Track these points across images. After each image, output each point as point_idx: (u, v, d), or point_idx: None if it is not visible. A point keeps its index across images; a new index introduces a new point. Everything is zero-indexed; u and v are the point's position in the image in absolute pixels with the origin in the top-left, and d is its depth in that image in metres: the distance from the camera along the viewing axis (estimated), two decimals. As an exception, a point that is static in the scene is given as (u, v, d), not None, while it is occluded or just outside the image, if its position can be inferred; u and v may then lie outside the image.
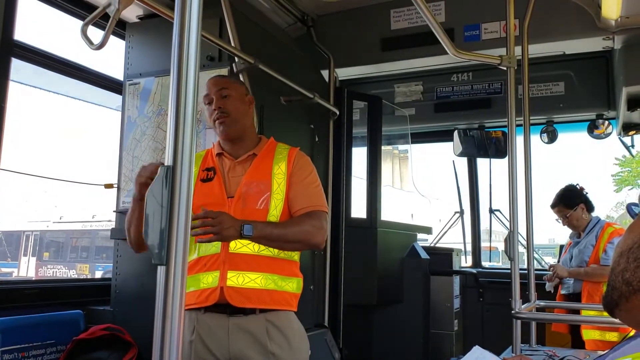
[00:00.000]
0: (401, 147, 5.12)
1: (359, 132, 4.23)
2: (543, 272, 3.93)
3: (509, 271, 2.45)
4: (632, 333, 0.88)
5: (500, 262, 7.93)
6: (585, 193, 3.83)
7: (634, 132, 3.90)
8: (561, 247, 4.26)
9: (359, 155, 4.14)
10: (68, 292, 2.96)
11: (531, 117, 2.98)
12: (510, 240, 2.41)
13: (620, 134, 3.99)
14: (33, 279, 13.37)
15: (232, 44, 2.70)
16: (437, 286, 4.20)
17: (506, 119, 2.52)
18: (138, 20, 3.18)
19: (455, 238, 5.22)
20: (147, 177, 1.66)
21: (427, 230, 4.76)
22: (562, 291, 3.80)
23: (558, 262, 4.04)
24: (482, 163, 4.90)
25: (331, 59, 3.85)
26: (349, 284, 3.79)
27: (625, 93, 3.36)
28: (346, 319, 3.76)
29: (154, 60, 2.99)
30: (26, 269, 16.47)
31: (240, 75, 2.73)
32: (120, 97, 3.10)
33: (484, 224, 4.99)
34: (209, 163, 2.03)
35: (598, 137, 4.14)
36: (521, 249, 2.91)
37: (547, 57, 3.76)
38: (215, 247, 1.87)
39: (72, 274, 15.77)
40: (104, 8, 1.73)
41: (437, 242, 5.15)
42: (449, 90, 4.46)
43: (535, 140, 4.18)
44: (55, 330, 2.63)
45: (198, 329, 1.87)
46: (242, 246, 1.86)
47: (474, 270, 4.70)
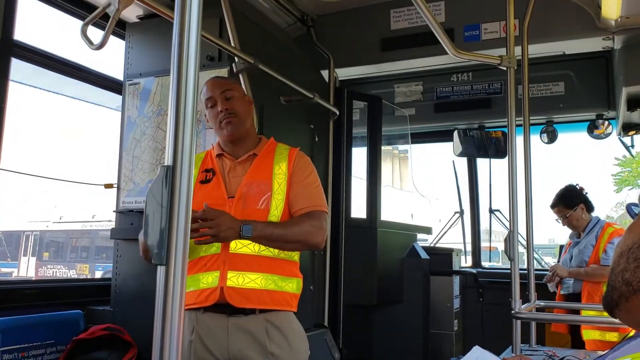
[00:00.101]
0: (401, 147, 5.12)
1: (359, 132, 4.23)
2: (543, 272, 3.93)
3: (509, 271, 2.45)
4: (632, 333, 0.88)
5: (500, 262, 7.93)
6: (585, 193, 3.82)
7: (634, 132, 3.89)
8: (561, 247, 4.26)
9: (359, 155, 4.15)
10: (68, 292, 2.96)
11: (531, 117, 2.98)
12: (510, 241, 2.41)
13: (620, 134, 3.98)
14: (33, 279, 13.36)
15: (232, 44, 2.69)
16: (437, 286, 4.21)
17: (506, 119, 2.52)
18: (138, 20, 3.18)
19: (455, 238, 5.22)
20: None
21: (427, 230, 4.76)
22: (562, 291, 3.79)
23: (558, 262, 4.04)
24: (482, 163, 4.90)
25: (331, 59, 3.85)
26: (349, 284, 3.79)
27: (625, 93, 3.36)
28: (346, 319, 3.76)
29: (153, 60, 2.99)
30: (26, 269, 16.47)
31: (240, 75, 2.73)
32: (120, 97, 3.10)
33: (483, 224, 5.00)
34: (208, 164, 2.03)
35: (598, 137, 4.14)
36: (521, 249, 2.91)
37: (547, 57, 3.76)
38: (215, 247, 1.86)
39: (72, 274, 15.76)
40: (103, 8, 1.73)
41: (437, 242, 5.15)
42: (448, 91, 4.46)
43: (535, 140, 4.18)
44: (55, 330, 2.63)
45: (197, 329, 1.87)
46: (242, 246, 1.86)
47: (474, 271, 4.70)
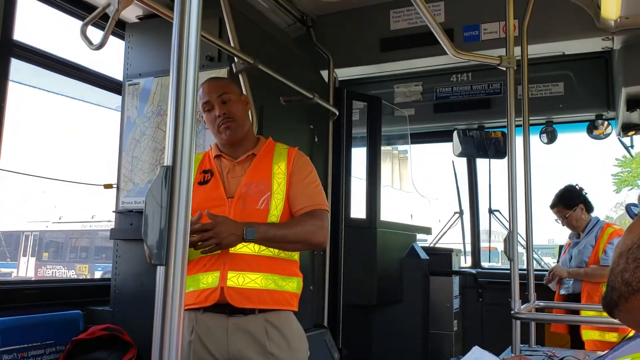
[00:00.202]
0: (401, 147, 5.12)
1: (359, 133, 4.23)
2: (542, 273, 3.93)
3: (509, 271, 2.45)
4: (632, 333, 0.88)
5: (499, 263, 7.93)
6: (584, 193, 3.83)
7: (633, 132, 3.89)
8: (560, 247, 4.26)
9: (359, 156, 4.15)
10: (67, 292, 2.96)
11: (530, 118, 2.98)
12: (509, 241, 2.41)
13: (619, 135, 3.98)
14: (32, 279, 13.36)
15: (232, 44, 2.69)
16: (436, 286, 4.20)
17: (505, 120, 2.52)
18: (137, 21, 3.18)
19: (454, 238, 5.22)
20: None
21: (427, 230, 4.76)
22: (562, 291, 3.79)
23: (557, 262, 4.04)
24: (481, 163, 4.91)
25: (331, 59, 3.85)
26: (349, 284, 3.79)
27: (625, 93, 3.36)
28: (345, 319, 3.76)
29: (153, 60, 2.99)
30: (25, 269, 16.46)
31: (239, 76, 2.73)
32: (120, 97, 3.10)
33: (483, 224, 5.00)
34: (206, 165, 2.02)
35: (597, 138, 4.14)
36: (520, 250, 2.91)
37: (546, 57, 3.76)
38: (215, 247, 1.86)
39: (72, 274, 15.76)
40: (103, 8, 1.73)
41: (436, 242, 5.15)
42: (448, 91, 4.46)
43: (535, 140, 4.18)
44: (54, 331, 2.62)
45: (197, 329, 1.87)
46: (242, 246, 1.85)
47: (474, 271, 4.70)
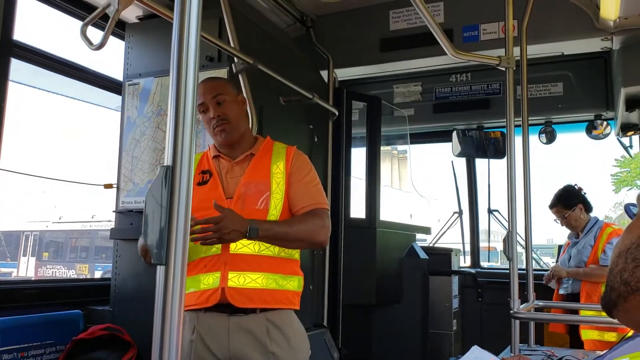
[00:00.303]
0: (400, 147, 5.12)
1: (358, 133, 4.23)
2: (542, 273, 3.93)
3: (508, 271, 2.45)
4: (631, 333, 0.89)
5: (498, 262, 7.93)
6: (583, 193, 3.83)
7: (632, 132, 3.89)
8: (559, 247, 4.27)
9: (358, 156, 4.15)
10: (67, 292, 2.96)
11: (530, 118, 2.98)
12: (508, 241, 2.41)
13: (618, 135, 3.98)
14: (32, 279, 13.35)
15: (232, 45, 2.70)
16: (436, 286, 4.21)
17: (505, 120, 2.52)
18: (137, 21, 3.18)
19: (454, 238, 5.22)
20: None
21: (426, 230, 4.77)
22: (561, 291, 3.80)
23: (556, 262, 4.04)
24: (480, 163, 4.91)
25: (330, 59, 3.85)
26: (348, 284, 3.79)
27: (624, 94, 3.36)
28: (345, 319, 3.77)
29: (153, 60, 2.99)
30: (25, 269, 16.45)
31: (239, 76, 2.73)
32: (120, 97, 3.10)
33: (482, 224, 5.00)
34: (205, 166, 2.02)
35: (596, 138, 4.14)
36: (520, 249, 2.90)
37: (545, 57, 3.76)
38: (215, 248, 1.86)
39: (72, 274, 15.76)
40: (103, 8, 1.73)
41: (436, 242, 5.16)
42: (447, 91, 4.46)
43: (534, 140, 4.18)
44: (54, 330, 2.63)
45: (198, 328, 1.87)
46: (242, 247, 1.86)
47: (473, 271, 4.70)
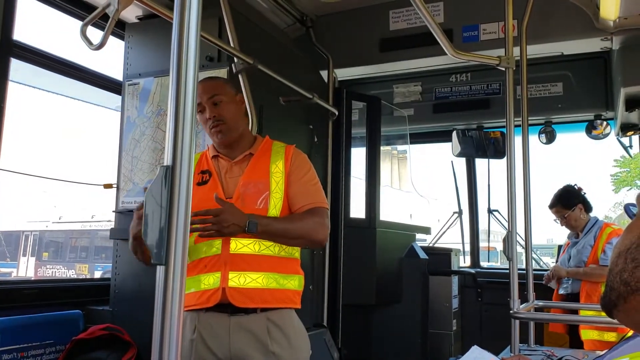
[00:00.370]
0: (400, 147, 5.12)
1: (358, 133, 4.23)
2: (541, 273, 3.93)
3: (508, 271, 2.45)
4: (630, 333, 0.89)
5: (498, 262, 7.93)
6: (583, 193, 3.83)
7: (632, 132, 3.89)
8: (559, 247, 4.26)
9: (358, 156, 4.15)
10: (67, 292, 2.96)
11: (529, 118, 2.98)
12: (508, 241, 2.41)
13: (618, 135, 3.98)
14: (32, 279, 13.35)
15: (232, 45, 2.70)
16: (435, 286, 4.21)
17: (505, 120, 2.52)
18: (137, 21, 3.18)
19: (453, 238, 5.22)
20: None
21: (426, 230, 4.77)
22: (560, 291, 3.80)
23: (556, 262, 4.04)
24: (480, 163, 4.91)
25: (330, 59, 3.85)
26: (348, 283, 3.79)
27: (624, 94, 3.36)
28: (345, 318, 3.77)
29: (153, 60, 3.00)
30: (25, 269, 16.44)
31: (239, 76, 2.73)
32: (120, 97, 3.11)
33: (482, 224, 5.00)
34: (204, 166, 2.02)
35: (596, 138, 4.14)
36: (519, 249, 2.91)
37: (545, 57, 3.76)
38: (215, 248, 1.86)
39: (72, 274, 15.75)
40: (103, 8, 1.73)
41: (435, 242, 5.16)
42: (447, 91, 4.46)
43: (534, 140, 4.18)
44: (54, 330, 2.63)
45: (199, 328, 1.87)
46: (242, 246, 1.86)
47: (473, 270, 4.70)
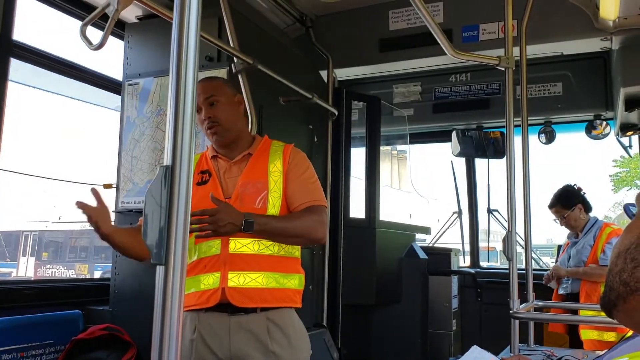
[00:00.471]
0: (400, 147, 5.12)
1: (358, 133, 4.24)
2: (541, 273, 3.94)
3: (507, 271, 2.45)
4: (630, 333, 0.89)
5: (498, 262, 7.93)
6: (583, 193, 3.83)
7: (632, 132, 3.89)
8: (559, 247, 4.26)
9: (358, 156, 4.15)
10: (67, 292, 2.96)
11: (529, 118, 2.98)
12: (508, 241, 2.41)
13: (618, 135, 3.98)
14: (32, 279, 13.34)
15: (231, 45, 2.70)
16: (435, 286, 4.21)
17: (504, 120, 2.53)
18: (137, 21, 3.18)
19: (453, 238, 5.22)
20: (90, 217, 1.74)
21: (426, 230, 4.77)
22: (560, 291, 3.80)
23: (556, 262, 4.05)
24: (480, 163, 4.91)
25: (330, 59, 3.85)
26: (348, 283, 3.79)
27: (623, 94, 3.36)
28: (345, 318, 3.77)
29: (153, 60, 3.00)
30: (25, 269, 16.43)
31: (239, 76, 2.73)
32: (119, 97, 3.11)
33: (482, 224, 5.00)
34: (204, 166, 2.03)
35: (596, 138, 4.14)
36: (519, 249, 2.91)
37: (545, 57, 3.77)
38: (215, 248, 1.87)
39: (71, 274, 15.74)
40: (103, 8, 1.74)
41: (435, 242, 5.16)
42: (447, 91, 4.46)
43: (533, 140, 4.18)
44: (54, 330, 2.63)
45: (199, 327, 1.87)
46: (241, 246, 1.86)
47: (472, 270, 4.70)
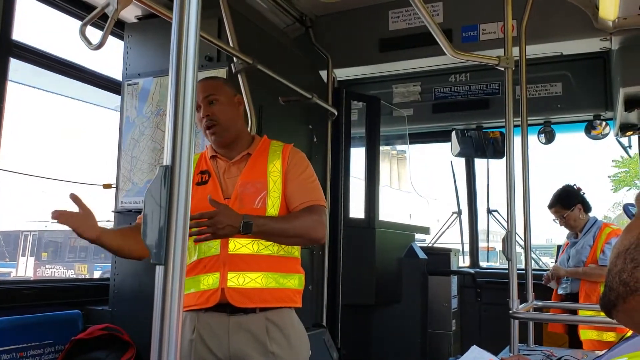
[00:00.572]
0: (399, 147, 5.12)
1: (357, 133, 4.24)
2: (541, 273, 3.94)
3: (507, 271, 2.45)
4: (629, 333, 0.89)
5: (497, 263, 7.92)
6: (582, 193, 3.83)
7: (631, 132, 3.89)
8: (558, 247, 4.27)
9: (358, 156, 4.15)
10: (66, 292, 2.96)
11: (529, 118, 2.98)
12: (507, 241, 2.42)
13: (617, 135, 3.99)
14: (31, 279, 13.34)
15: (231, 44, 2.70)
16: (435, 286, 4.21)
17: (504, 120, 2.53)
18: (137, 21, 3.18)
19: (453, 238, 5.22)
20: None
21: (425, 230, 4.77)
22: (560, 291, 3.80)
23: (556, 262, 4.05)
24: (479, 163, 4.91)
25: (329, 59, 3.85)
26: (347, 283, 3.79)
27: (623, 94, 3.36)
28: (344, 318, 3.77)
29: (152, 60, 3.00)
30: (24, 269, 16.42)
31: (238, 76, 2.73)
32: (119, 97, 3.10)
33: (481, 224, 5.00)
34: (203, 166, 2.02)
35: (595, 138, 4.14)
36: (519, 249, 2.91)
37: (544, 57, 3.77)
38: (214, 248, 1.86)
39: (71, 274, 15.74)
40: (102, 8, 1.74)
41: (435, 242, 5.16)
42: (446, 91, 4.46)
43: (533, 140, 4.18)
44: (53, 330, 2.63)
45: (199, 328, 1.87)
46: (241, 247, 1.86)
47: (472, 271, 4.70)
